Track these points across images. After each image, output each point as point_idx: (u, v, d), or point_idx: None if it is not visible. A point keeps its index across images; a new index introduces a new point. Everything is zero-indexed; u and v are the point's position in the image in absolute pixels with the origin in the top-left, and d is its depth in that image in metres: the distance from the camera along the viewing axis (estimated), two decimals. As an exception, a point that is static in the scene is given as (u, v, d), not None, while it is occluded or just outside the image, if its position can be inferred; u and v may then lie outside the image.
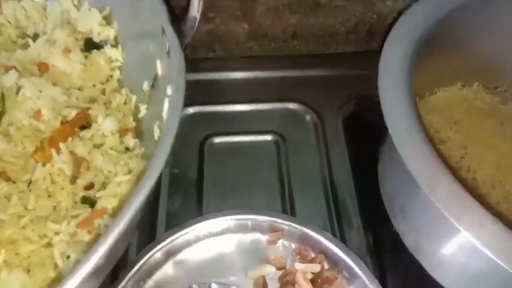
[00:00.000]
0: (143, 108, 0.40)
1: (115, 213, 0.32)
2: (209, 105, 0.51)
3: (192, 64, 0.55)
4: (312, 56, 0.57)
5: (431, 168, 0.29)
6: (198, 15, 0.37)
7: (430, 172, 0.29)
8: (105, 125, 0.37)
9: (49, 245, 0.32)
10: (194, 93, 0.52)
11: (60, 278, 0.30)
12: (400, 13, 0.42)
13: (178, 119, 0.31)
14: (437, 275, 0.35)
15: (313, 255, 0.39)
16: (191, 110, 0.50)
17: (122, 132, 0.38)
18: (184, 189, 0.44)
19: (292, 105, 0.51)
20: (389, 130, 0.31)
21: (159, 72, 0.36)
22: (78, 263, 0.26)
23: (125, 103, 0.40)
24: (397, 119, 0.32)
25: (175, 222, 0.40)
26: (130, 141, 0.38)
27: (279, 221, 0.40)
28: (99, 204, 0.34)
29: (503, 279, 0.27)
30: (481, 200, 0.32)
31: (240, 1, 0.52)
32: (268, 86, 0.53)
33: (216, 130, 0.49)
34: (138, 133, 0.39)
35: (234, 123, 0.49)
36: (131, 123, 0.39)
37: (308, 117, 0.50)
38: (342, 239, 0.41)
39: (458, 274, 0.32)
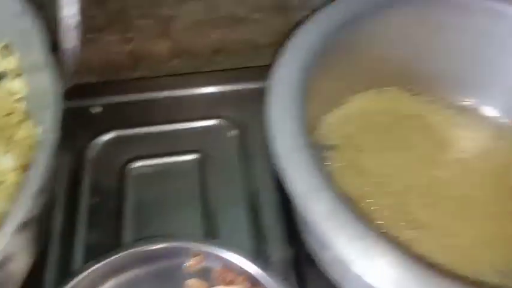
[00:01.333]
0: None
1: None
2: (131, 128, 0.50)
3: (115, 86, 0.56)
4: (237, 70, 0.56)
5: (313, 186, 0.29)
6: (73, 45, 0.35)
7: (310, 190, 0.28)
8: (4, 162, 0.36)
9: None
10: (116, 117, 0.52)
11: None
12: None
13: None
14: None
15: (234, 277, 0.39)
16: (112, 134, 0.49)
17: (26, 167, 0.37)
18: (104, 219, 0.43)
19: (214, 122, 0.50)
20: (274, 149, 0.31)
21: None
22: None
23: (29, 136, 0.39)
24: (281, 137, 0.31)
25: (95, 255, 0.39)
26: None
27: (199, 245, 0.39)
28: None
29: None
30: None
31: (158, 19, 0.51)
32: (192, 104, 0.53)
33: (137, 154, 0.47)
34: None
35: (156, 145, 0.48)
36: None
37: (231, 133, 0.49)
38: (264, 258, 0.40)
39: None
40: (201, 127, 0.50)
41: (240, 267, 0.38)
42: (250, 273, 0.38)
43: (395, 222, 0.40)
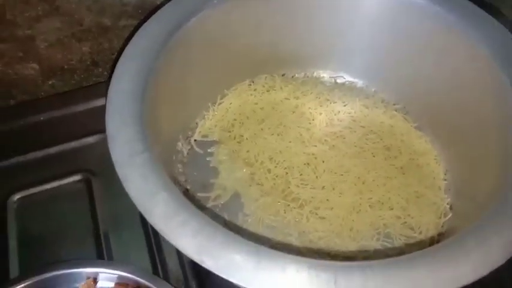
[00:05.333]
0: None
1: None
2: (11, 157, 0.47)
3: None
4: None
5: (149, 191, 0.29)
6: None
7: (148, 195, 0.29)
8: None
9: None
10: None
11: None
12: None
13: None
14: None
15: (128, 293, 0.39)
16: (-12, 168, 0.47)
17: None
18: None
19: (100, 137, 0.49)
20: (112, 158, 0.31)
21: None
22: None
23: None
24: (119, 145, 0.31)
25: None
26: None
27: (90, 268, 0.39)
28: None
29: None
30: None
31: (17, 42, 0.49)
32: (76, 121, 0.51)
33: (20, 183, 0.45)
34: None
35: (39, 171, 0.46)
36: None
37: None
38: (163, 269, 0.40)
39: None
40: (85, 144, 0.49)
41: (134, 281, 0.38)
42: (145, 285, 0.38)
43: (280, 202, 0.41)
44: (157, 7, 0.51)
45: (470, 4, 0.40)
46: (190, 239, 0.26)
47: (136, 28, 0.43)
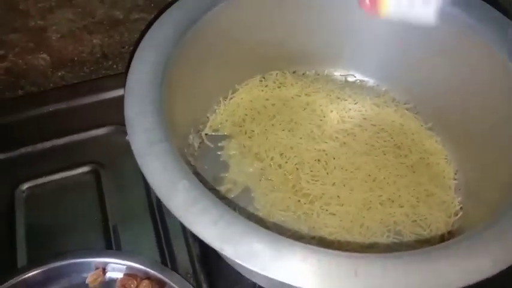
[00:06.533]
0: None
1: None
2: (20, 148, 0.47)
3: (-3, 107, 0.53)
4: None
5: (169, 178, 0.29)
6: None
7: (168, 182, 0.29)
8: None
9: None
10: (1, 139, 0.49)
11: None
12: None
13: None
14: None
15: (138, 283, 0.38)
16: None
17: None
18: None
19: (108, 129, 0.49)
20: (132, 146, 0.31)
21: None
22: None
23: None
24: (138, 133, 0.31)
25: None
26: None
27: (99, 258, 0.39)
28: None
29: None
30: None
31: (29, 32, 0.49)
32: (84, 113, 0.51)
33: (28, 174, 0.45)
34: None
35: (48, 162, 0.46)
36: None
37: (126, 139, 0.48)
38: (172, 259, 0.40)
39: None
40: (93, 136, 0.49)
41: (143, 272, 0.38)
42: (154, 276, 0.38)
43: (291, 198, 0.42)
44: (169, 3, 0.52)
45: (487, 6, 0.41)
46: (211, 227, 0.26)
47: (150, 22, 0.43)
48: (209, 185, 0.43)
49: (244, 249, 0.25)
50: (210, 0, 0.40)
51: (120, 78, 0.54)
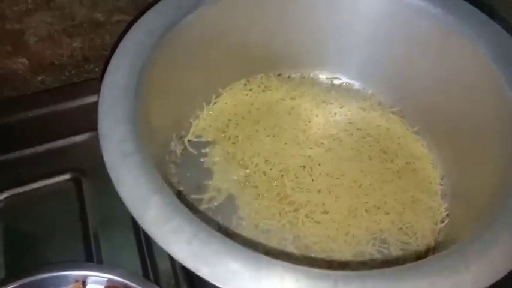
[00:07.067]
0: None
1: None
2: (-4, 156, 0.46)
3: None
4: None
5: (142, 194, 0.28)
6: None
7: (140, 198, 0.28)
8: None
9: None
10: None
11: None
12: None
13: None
14: None
15: (117, 296, 0.38)
16: (-26, 166, 0.45)
17: None
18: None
19: (90, 135, 0.48)
20: (104, 158, 0.30)
21: None
22: None
23: None
24: (111, 145, 0.30)
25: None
26: None
27: (78, 270, 0.38)
28: None
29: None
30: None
31: (5, 36, 0.47)
32: (65, 118, 0.49)
33: (7, 182, 0.44)
34: None
35: (27, 170, 0.45)
36: None
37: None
38: (154, 271, 0.40)
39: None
40: (75, 142, 0.47)
41: (124, 285, 0.38)
42: (135, 288, 0.38)
43: (275, 206, 0.41)
44: (151, 4, 0.51)
45: (469, 6, 0.40)
46: (185, 246, 0.25)
47: (130, 24, 0.42)
48: (192, 193, 0.42)
49: (220, 269, 0.24)
50: (191, 3, 0.39)
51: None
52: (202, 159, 0.44)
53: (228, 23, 0.42)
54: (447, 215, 0.41)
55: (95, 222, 0.42)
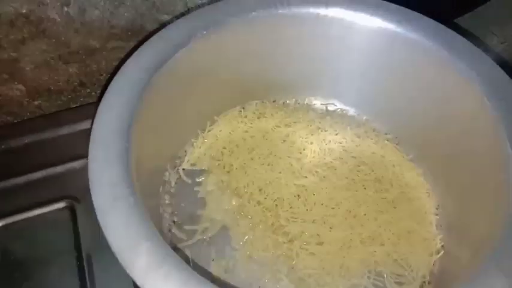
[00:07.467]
0: None
1: None
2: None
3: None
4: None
5: (131, 240, 0.28)
6: None
7: (130, 245, 0.27)
8: None
9: None
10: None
11: None
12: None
13: None
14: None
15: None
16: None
17: None
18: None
19: (85, 162, 0.47)
20: (94, 202, 0.30)
21: None
22: None
23: None
24: (101, 188, 0.30)
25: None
26: None
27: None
28: None
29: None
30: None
31: (1, 64, 0.48)
32: (61, 144, 0.49)
33: (0, 211, 0.44)
34: None
35: (21, 199, 0.45)
36: None
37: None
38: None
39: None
40: (70, 169, 0.47)
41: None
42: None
43: (270, 236, 0.41)
44: (146, 31, 0.51)
45: (463, 39, 0.40)
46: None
47: (126, 55, 0.42)
48: (185, 224, 0.42)
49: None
50: (183, 37, 0.39)
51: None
52: (196, 188, 0.44)
53: (221, 55, 0.42)
54: (442, 246, 0.40)
55: (89, 250, 0.42)
